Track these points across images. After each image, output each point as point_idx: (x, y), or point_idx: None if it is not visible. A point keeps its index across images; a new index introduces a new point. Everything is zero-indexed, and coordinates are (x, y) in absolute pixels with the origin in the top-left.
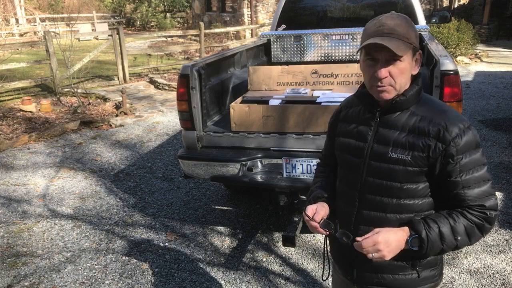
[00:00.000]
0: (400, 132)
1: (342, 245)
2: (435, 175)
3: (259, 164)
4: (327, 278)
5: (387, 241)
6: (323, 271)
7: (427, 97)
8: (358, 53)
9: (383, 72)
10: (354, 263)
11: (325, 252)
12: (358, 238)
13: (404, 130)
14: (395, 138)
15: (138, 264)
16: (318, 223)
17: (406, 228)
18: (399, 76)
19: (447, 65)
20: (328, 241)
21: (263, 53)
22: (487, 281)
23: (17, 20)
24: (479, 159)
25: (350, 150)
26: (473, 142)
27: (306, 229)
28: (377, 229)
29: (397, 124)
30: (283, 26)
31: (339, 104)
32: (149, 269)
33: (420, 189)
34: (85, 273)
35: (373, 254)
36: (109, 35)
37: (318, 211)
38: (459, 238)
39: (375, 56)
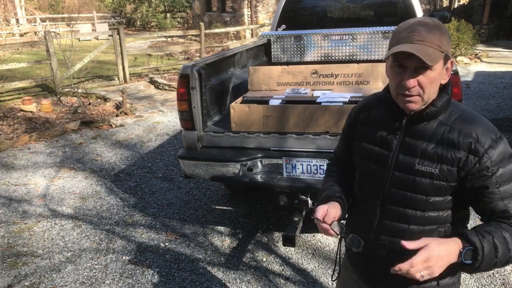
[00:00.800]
0: (428, 143)
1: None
2: (467, 188)
3: (259, 164)
4: (336, 279)
5: (440, 253)
6: (333, 270)
7: (456, 104)
8: (387, 58)
9: (412, 82)
10: (373, 267)
11: (339, 250)
12: (406, 244)
13: (432, 141)
14: (422, 149)
15: (138, 264)
16: (330, 225)
17: (457, 240)
18: (428, 86)
19: None
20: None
21: (263, 53)
22: (487, 281)
23: (17, 20)
24: None
25: (373, 158)
26: (507, 152)
27: (306, 229)
28: (426, 240)
29: (425, 134)
30: (283, 26)
31: (341, 104)
32: (149, 269)
33: (446, 202)
34: (85, 273)
35: (423, 272)
36: (109, 35)
37: (328, 212)
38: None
39: (404, 63)
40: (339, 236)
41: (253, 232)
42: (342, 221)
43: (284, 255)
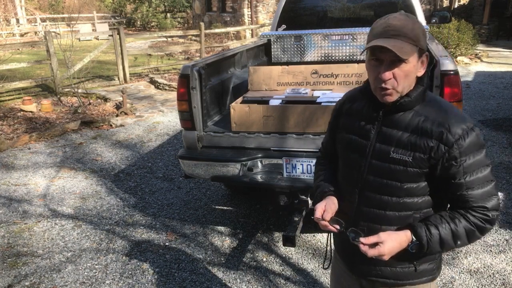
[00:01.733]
0: (403, 132)
1: (343, 238)
2: (437, 176)
3: (259, 164)
4: (328, 267)
5: (391, 247)
6: (324, 260)
7: (432, 96)
8: (364, 53)
9: (387, 74)
10: (355, 257)
11: (328, 241)
12: (363, 240)
13: (407, 130)
14: (397, 138)
15: (138, 264)
16: (329, 221)
17: (408, 233)
18: (403, 78)
19: (447, 65)
20: (332, 233)
21: (263, 53)
22: (487, 281)
23: (17, 20)
24: (483, 160)
25: (352, 147)
26: (477, 143)
27: (306, 229)
28: (382, 236)
29: (401, 124)
30: (283, 26)
31: None
32: (149, 269)
33: (420, 188)
34: (85, 273)
35: (375, 257)
36: (109, 35)
37: (326, 208)
38: (458, 242)
39: (380, 57)
40: (338, 231)
41: (253, 232)
42: (338, 217)
43: (284, 255)
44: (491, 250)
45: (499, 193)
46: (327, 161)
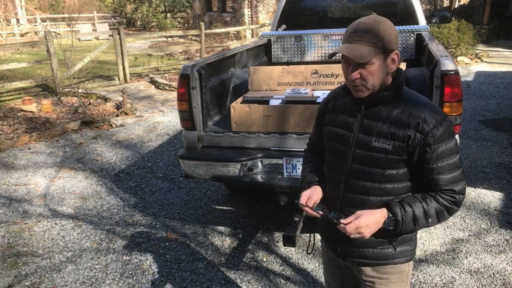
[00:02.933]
0: (383, 123)
1: (326, 224)
2: (414, 162)
3: (259, 164)
4: (311, 252)
5: (368, 224)
6: (307, 246)
7: (408, 91)
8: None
9: (354, 75)
10: (337, 240)
11: (310, 228)
12: (342, 221)
13: (386, 122)
14: (378, 129)
15: (138, 264)
16: (312, 208)
17: (384, 210)
18: (369, 77)
19: (448, 65)
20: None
21: (263, 53)
22: (488, 281)
23: (18, 20)
24: (453, 148)
25: (337, 139)
26: (449, 132)
27: (307, 229)
28: (358, 212)
29: (380, 116)
30: (284, 26)
31: None
32: (149, 269)
33: (399, 174)
34: (85, 273)
35: (355, 235)
36: (109, 35)
37: (311, 196)
38: (430, 220)
39: (347, 60)
40: (320, 215)
41: (254, 232)
42: (321, 204)
43: (284, 255)
44: (491, 250)
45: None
46: (314, 155)
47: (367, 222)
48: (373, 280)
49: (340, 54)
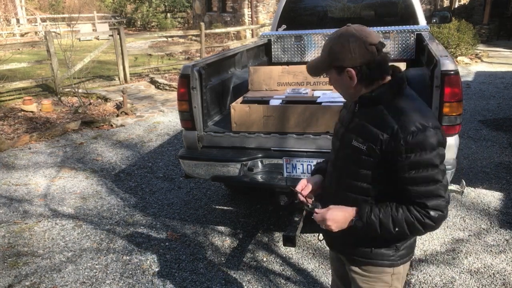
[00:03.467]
0: (366, 123)
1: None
2: (387, 168)
3: (259, 164)
4: (322, 239)
5: (334, 219)
6: (318, 235)
7: (408, 95)
8: None
9: (328, 81)
10: (332, 235)
11: (311, 228)
12: (316, 210)
13: (369, 122)
14: (359, 128)
15: (139, 263)
16: (305, 196)
17: (354, 210)
18: (334, 87)
19: (448, 65)
20: None
21: (263, 53)
22: (488, 281)
23: (18, 20)
24: (429, 160)
25: (335, 133)
26: (427, 143)
27: (307, 229)
28: (331, 206)
29: (368, 116)
30: (284, 26)
31: (341, 104)
32: (149, 269)
33: (375, 176)
34: (86, 273)
35: (323, 226)
36: (109, 35)
37: (308, 184)
38: (397, 229)
39: None
40: (310, 207)
41: (254, 232)
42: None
43: (284, 255)
44: (491, 250)
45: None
46: None
47: (334, 216)
48: (356, 276)
49: None
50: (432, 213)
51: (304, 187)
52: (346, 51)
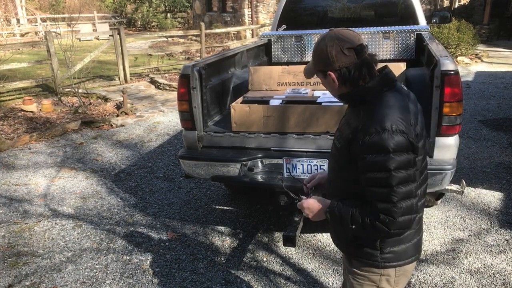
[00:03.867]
0: (345, 123)
1: None
2: (355, 167)
3: (259, 164)
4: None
5: (309, 207)
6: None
7: (385, 97)
8: None
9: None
10: (331, 231)
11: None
12: (304, 199)
13: (347, 122)
14: (341, 128)
15: (139, 263)
16: (309, 187)
17: (327, 202)
18: (326, 89)
19: (448, 65)
20: None
21: (263, 53)
22: (488, 281)
23: (18, 20)
24: (382, 163)
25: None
26: (381, 146)
27: (307, 229)
28: (313, 197)
29: (349, 116)
30: (284, 26)
31: (341, 104)
32: (150, 269)
33: (349, 173)
34: (86, 273)
35: (304, 212)
36: (110, 35)
37: (315, 176)
38: (354, 226)
39: None
40: (296, 197)
41: (254, 232)
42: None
43: (284, 255)
44: (491, 250)
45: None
46: None
47: (309, 205)
48: (347, 271)
49: None
50: (381, 216)
51: (311, 179)
52: (325, 56)
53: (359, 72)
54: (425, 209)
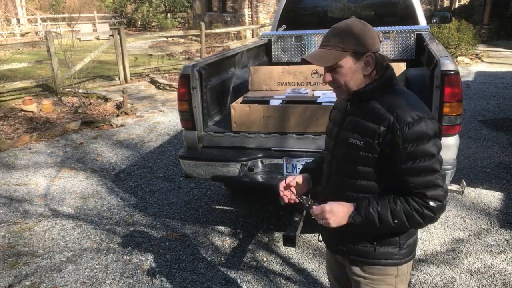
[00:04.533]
0: (361, 120)
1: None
2: (385, 161)
3: (259, 164)
4: (321, 240)
5: (332, 211)
6: (318, 235)
7: (400, 90)
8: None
9: (327, 78)
10: (330, 235)
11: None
12: (315, 206)
13: (364, 118)
14: (354, 125)
15: (139, 263)
16: (296, 194)
17: (351, 205)
18: (342, 79)
19: (448, 65)
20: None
21: (263, 53)
22: (488, 281)
23: (18, 20)
24: (427, 150)
25: (329, 133)
26: (423, 133)
27: (307, 229)
28: (329, 202)
29: (361, 112)
30: (284, 26)
31: None
32: (150, 269)
33: (374, 172)
34: (86, 273)
35: (321, 221)
36: (110, 35)
37: (294, 178)
38: (396, 221)
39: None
40: (309, 203)
41: (254, 232)
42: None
43: (284, 255)
44: (491, 250)
45: (453, 187)
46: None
47: (335, 210)
48: (359, 279)
49: None
50: (431, 203)
51: (292, 180)
52: (367, 36)
53: (382, 60)
54: None
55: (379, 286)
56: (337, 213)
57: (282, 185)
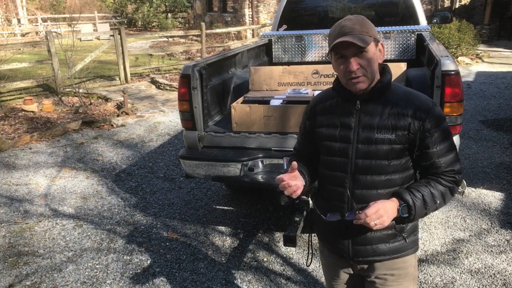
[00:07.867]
0: (381, 116)
1: (332, 229)
2: (416, 148)
3: (260, 164)
4: (310, 264)
5: (386, 208)
6: (308, 257)
7: (396, 85)
8: (329, 56)
9: (354, 65)
10: (348, 242)
11: (310, 239)
12: (359, 215)
13: (384, 114)
14: (378, 122)
15: (139, 263)
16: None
17: (395, 199)
18: (368, 65)
19: (448, 65)
20: (317, 227)
21: (264, 53)
22: (488, 281)
23: (19, 20)
24: (447, 129)
25: (336, 138)
26: (441, 115)
27: (307, 229)
28: (371, 204)
29: (377, 110)
30: (284, 26)
31: None
32: (150, 269)
33: (403, 163)
34: (86, 273)
35: (376, 221)
36: (110, 35)
37: (293, 176)
38: (438, 201)
39: (344, 53)
40: (352, 214)
41: (254, 232)
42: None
43: (285, 255)
44: (492, 251)
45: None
46: (301, 162)
47: (387, 208)
48: (385, 277)
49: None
50: (458, 177)
51: (289, 181)
52: (373, 27)
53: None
54: None
55: (404, 280)
56: (389, 210)
57: (283, 177)
